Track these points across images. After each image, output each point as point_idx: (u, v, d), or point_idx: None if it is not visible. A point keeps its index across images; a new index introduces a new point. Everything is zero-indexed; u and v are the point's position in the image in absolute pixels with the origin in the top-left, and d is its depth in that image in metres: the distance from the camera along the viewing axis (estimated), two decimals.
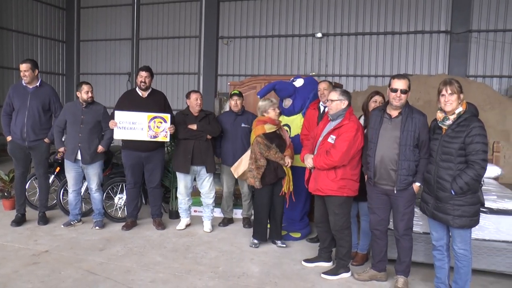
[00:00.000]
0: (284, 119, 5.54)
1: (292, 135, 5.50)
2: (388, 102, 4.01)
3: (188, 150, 5.55)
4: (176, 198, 6.07)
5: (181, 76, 14.37)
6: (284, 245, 5.21)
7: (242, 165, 5.37)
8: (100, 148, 5.61)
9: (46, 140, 5.74)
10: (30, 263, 4.54)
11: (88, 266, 4.50)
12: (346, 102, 4.27)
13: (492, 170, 5.23)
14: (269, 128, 5.04)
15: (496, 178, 5.53)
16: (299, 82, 5.62)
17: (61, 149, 5.72)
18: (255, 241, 5.21)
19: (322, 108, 5.29)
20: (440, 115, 3.67)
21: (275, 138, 5.06)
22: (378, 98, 4.60)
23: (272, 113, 5.06)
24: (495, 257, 4.26)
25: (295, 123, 5.56)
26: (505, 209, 4.26)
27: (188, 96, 5.72)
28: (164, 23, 14.47)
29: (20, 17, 13.75)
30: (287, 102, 5.63)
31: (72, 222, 5.83)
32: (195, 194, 6.13)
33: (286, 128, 5.54)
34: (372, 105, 4.59)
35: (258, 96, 5.62)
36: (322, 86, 5.24)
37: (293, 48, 13.05)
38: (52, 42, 15.14)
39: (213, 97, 12.97)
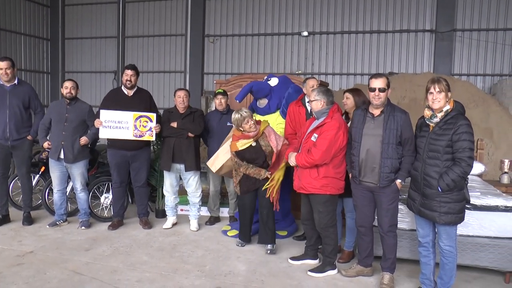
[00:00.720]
0: (258, 118, 5.42)
1: None
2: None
3: (170, 148, 5.56)
4: (163, 196, 6.06)
5: (167, 74, 14.29)
6: (270, 251, 4.97)
7: (218, 159, 5.32)
8: (84, 139, 5.51)
9: (29, 137, 5.67)
10: (14, 264, 4.49)
11: (73, 266, 4.46)
12: (323, 102, 4.30)
13: (476, 167, 5.29)
14: (241, 145, 4.93)
15: (480, 175, 5.62)
16: (273, 82, 5.60)
17: (45, 144, 5.58)
18: (240, 240, 5.23)
19: (309, 108, 5.30)
20: (427, 113, 3.71)
21: (248, 153, 4.93)
22: (347, 94, 4.69)
23: (246, 127, 4.89)
24: (478, 252, 4.32)
25: (271, 122, 5.42)
26: (488, 206, 4.31)
27: (174, 93, 5.74)
28: (150, 21, 14.37)
29: (3, 14, 13.53)
30: (263, 101, 5.59)
31: (57, 222, 5.78)
32: (182, 192, 6.12)
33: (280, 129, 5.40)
34: (343, 102, 4.69)
35: (237, 101, 5.55)
36: (310, 83, 5.26)
37: (279, 46, 13.06)
38: (36, 40, 14.94)
39: (199, 95, 12.97)
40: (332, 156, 4.19)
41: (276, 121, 5.51)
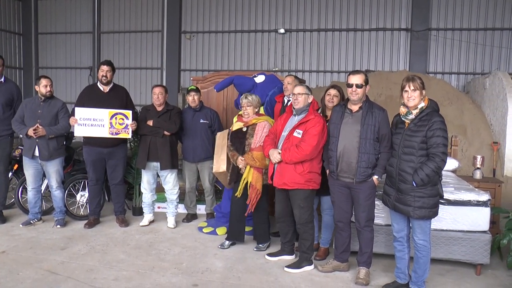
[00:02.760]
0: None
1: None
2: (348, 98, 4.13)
3: (146, 146, 5.54)
4: (140, 194, 6.01)
5: (144, 71, 14.13)
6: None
7: (219, 161, 5.19)
8: (40, 129, 5.28)
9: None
10: None
11: (48, 266, 4.39)
12: (311, 97, 4.39)
13: (450, 163, 5.41)
14: (236, 126, 4.99)
15: (454, 171, 5.74)
16: (260, 78, 5.60)
17: (30, 130, 5.26)
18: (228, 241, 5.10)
19: (285, 101, 5.34)
20: (403, 110, 3.79)
21: (235, 135, 4.96)
22: (332, 91, 4.67)
23: (243, 111, 4.92)
24: (451, 246, 4.42)
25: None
26: (462, 200, 4.41)
27: (152, 90, 5.69)
28: (126, 17, 14.17)
29: None
30: None
31: (31, 221, 5.67)
32: (159, 190, 6.07)
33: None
34: (326, 98, 4.69)
35: (215, 90, 5.60)
36: (287, 80, 5.28)
37: (256, 43, 13.05)
38: (7, 34, 14.55)
39: (176, 92, 12.87)
40: (319, 151, 4.26)
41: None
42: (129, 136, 5.52)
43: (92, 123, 5.37)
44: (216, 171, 5.21)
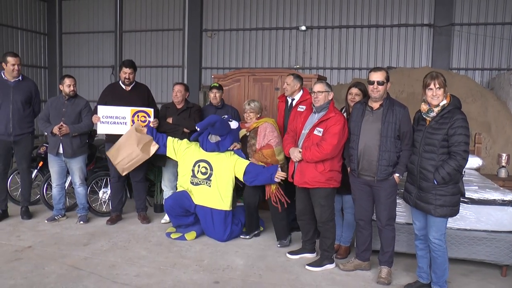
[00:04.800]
0: (202, 153, 5.25)
1: (214, 172, 5.15)
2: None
3: None
4: (161, 191, 6.06)
5: (165, 69, 14.24)
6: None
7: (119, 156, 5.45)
8: (64, 127, 5.39)
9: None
10: (13, 259, 4.49)
11: (72, 261, 4.47)
12: (332, 94, 4.35)
13: (473, 161, 5.32)
14: (241, 134, 5.35)
15: (477, 169, 5.63)
16: (234, 124, 5.37)
17: (55, 128, 5.38)
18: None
19: (289, 101, 5.34)
20: (424, 107, 3.75)
21: (244, 143, 5.29)
22: (353, 90, 4.64)
23: (246, 117, 5.22)
24: (475, 246, 4.34)
25: (217, 160, 5.17)
26: (486, 199, 4.33)
27: (172, 88, 5.75)
28: (148, 16, 14.30)
29: (0, 9, 13.47)
30: (215, 138, 5.20)
31: (56, 217, 5.78)
32: None
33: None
34: (348, 97, 4.67)
35: (198, 128, 5.18)
36: (286, 80, 5.28)
37: (277, 41, 13.02)
38: (33, 34, 14.86)
39: (197, 90, 12.94)
40: (340, 150, 4.24)
41: (223, 162, 5.16)
42: None
43: (115, 120, 5.44)
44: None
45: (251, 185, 5.05)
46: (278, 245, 5.05)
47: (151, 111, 5.51)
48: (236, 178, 5.16)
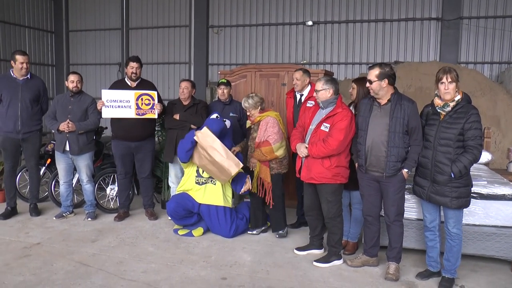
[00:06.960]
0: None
1: None
2: None
3: (172, 140, 5.58)
4: (168, 187, 6.07)
5: (172, 65, 14.25)
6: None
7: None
8: (70, 124, 5.41)
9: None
10: (22, 255, 4.52)
11: (80, 258, 4.49)
12: (331, 91, 4.27)
13: (483, 156, 5.24)
14: (247, 124, 5.39)
15: (486, 164, 5.59)
16: (228, 124, 5.41)
17: (62, 125, 5.41)
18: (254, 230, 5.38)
19: (298, 97, 5.34)
20: (439, 102, 3.77)
21: (249, 135, 5.29)
22: (353, 84, 4.67)
23: (250, 111, 5.19)
24: (484, 241, 4.30)
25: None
26: (495, 194, 4.29)
27: (179, 84, 5.75)
28: (154, 13, 14.30)
29: (6, 7, 13.52)
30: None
31: (64, 214, 5.81)
32: None
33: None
34: (352, 92, 4.68)
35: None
36: (295, 76, 5.27)
37: (283, 36, 12.97)
38: (40, 32, 14.92)
39: (204, 86, 12.93)
40: (346, 145, 4.21)
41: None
42: (155, 116, 5.57)
43: (119, 104, 5.46)
44: (233, 174, 5.05)
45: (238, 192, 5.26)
46: (276, 236, 5.17)
47: (154, 94, 5.52)
48: None
